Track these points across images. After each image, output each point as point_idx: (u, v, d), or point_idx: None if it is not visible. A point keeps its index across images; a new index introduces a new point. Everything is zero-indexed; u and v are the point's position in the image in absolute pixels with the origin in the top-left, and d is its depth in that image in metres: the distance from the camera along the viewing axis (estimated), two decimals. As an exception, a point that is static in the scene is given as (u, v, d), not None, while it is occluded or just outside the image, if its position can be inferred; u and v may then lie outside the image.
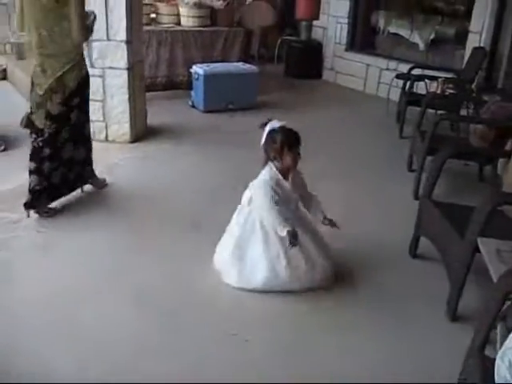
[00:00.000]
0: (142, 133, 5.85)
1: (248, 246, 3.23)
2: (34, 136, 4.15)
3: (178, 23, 7.79)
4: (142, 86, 5.94)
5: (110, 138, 5.65)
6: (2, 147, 6.35)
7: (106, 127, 5.64)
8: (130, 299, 3.15)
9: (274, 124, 3.16)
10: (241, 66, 7.30)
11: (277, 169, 3.18)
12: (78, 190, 4.50)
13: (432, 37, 8.17)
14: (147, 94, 6.22)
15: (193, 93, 7.12)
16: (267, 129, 3.18)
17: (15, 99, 8.52)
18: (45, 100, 4.01)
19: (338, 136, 6.30)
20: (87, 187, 4.58)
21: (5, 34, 10.53)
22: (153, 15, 7.79)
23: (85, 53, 4.30)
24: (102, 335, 2.85)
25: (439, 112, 5.85)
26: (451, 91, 5.98)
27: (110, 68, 5.46)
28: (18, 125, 4.28)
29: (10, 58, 10.28)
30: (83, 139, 4.38)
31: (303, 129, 5.27)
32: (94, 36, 5.28)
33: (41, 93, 4.00)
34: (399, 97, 6.86)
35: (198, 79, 6.94)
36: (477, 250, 2.82)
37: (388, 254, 3.78)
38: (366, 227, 4.15)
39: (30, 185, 4.12)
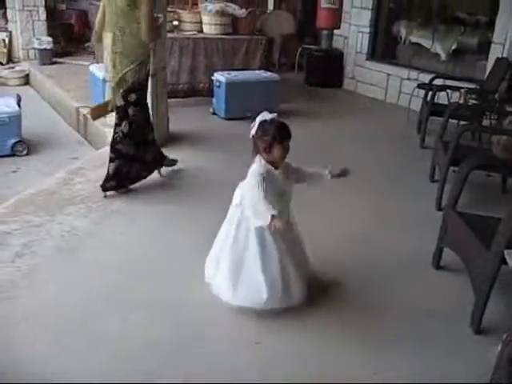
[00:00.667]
0: (164, 139, 5.88)
1: (243, 261, 3.08)
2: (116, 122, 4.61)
3: (201, 31, 7.84)
4: (164, 92, 5.97)
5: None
6: (25, 151, 6.45)
7: (129, 133, 5.66)
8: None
9: (265, 115, 3.06)
10: (262, 74, 7.33)
11: (266, 161, 3.07)
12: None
13: (454, 47, 8.15)
14: (169, 100, 6.25)
15: (214, 100, 7.16)
16: (258, 120, 3.08)
17: (37, 104, 8.65)
18: (115, 92, 4.49)
19: (358, 145, 6.28)
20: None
21: (29, 40, 10.69)
22: (175, 23, 7.85)
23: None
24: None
25: (461, 122, 5.82)
26: (474, 101, 5.96)
27: (134, 74, 5.49)
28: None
29: (33, 63, 10.42)
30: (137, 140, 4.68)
31: (323, 137, 5.39)
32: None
33: (113, 85, 4.49)
34: (420, 107, 6.84)
35: (219, 86, 6.97)
36: (503, 261, 2.80)
37: (411, 264, 3.76)
38: (388, 238, 4.14)
39: (109, 170, 4.56)
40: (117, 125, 4.56)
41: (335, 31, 9.39)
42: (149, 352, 2.78)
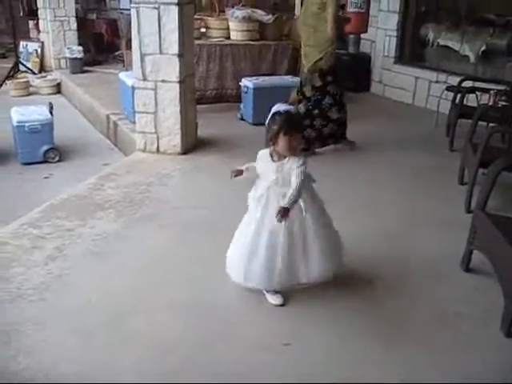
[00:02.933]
0: (192, 144, 5.94)
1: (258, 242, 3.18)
2: (305, 102, 5.85)
3: (228, 37, 7.90)
4: (192, 98, 6.04)
5: (161, 150, 5.76)
6: (57, 158, 6.58)
7: (158, 139, 5.75)
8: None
9: (280, 106, 3.07)
10: (289, 79, 7.34)
11: (271, 151, 3.13)
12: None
13: (483, 49, 8.06)
14: (197, 106, 6.31)
15: (242, 106, 7.21)
16: (272, 110, 3.10)
17: (69, 112, 8.81)
18: (309, 77, 5.78)
19: (386, 148, 6.26)
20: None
21: (60, 50, 10.88)
22: (203, 29, 7.93)
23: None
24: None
25: (491, 124, 5.76)
26: (504, 103, 5.88)
27: (163, 81, 5.58)
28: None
29: (64, 72, 10.61)
30: (341, 105, 5.97)
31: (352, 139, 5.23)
32: (147, 50, 5.48)
33: (306, 72, 5.81)
34: (449, 109, 6.78)
35: (247, 92, 7.02)
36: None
37: (440, 266, 3.74)
38: (417, 238, 4.13)
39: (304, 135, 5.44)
40: (320, 100, 5.82)
41: (362, 35, 9.34)
42: (176, 352, 2.82)
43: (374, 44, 9.40)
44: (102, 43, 12.16)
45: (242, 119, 7.15)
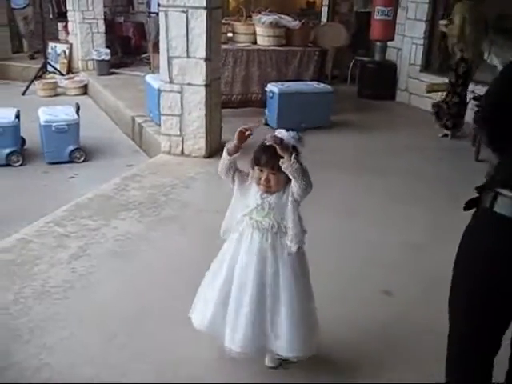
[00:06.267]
0: (216, 148, 5.96)
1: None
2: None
3: (254, 42, 7.91)
4: (218, 102, 6.07)
5: (185, 152, 5.79)
6: (82, 158, 6.64)
7: (183, 141, 5.79)
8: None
9: (281, 133, 2.44)
10: (315, 85, 7.35)
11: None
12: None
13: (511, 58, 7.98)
14: (222, 110, 6.33)
15: (267, 111, 7.21)
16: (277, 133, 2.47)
17: (95, 113, 8.90)
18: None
19: (410, 158, 6.21)
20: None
21: (88, 52, 11.01)
22: (230, 34, 7.95)
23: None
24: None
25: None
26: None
27: (189, 84, 5.61)
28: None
29: (92, 74, 10.73)
30: None
31: (376, 149, 5.33)
32: (174, 53, 5.52)
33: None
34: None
35: (272, 97, 7.03)
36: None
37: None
38: (442, 250, 4.06)
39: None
40: None
41: (389, 43, 9.32)
42: (199, 355, 2.83)
43: (400, 52, 9.36)
44: (129, 46, 12.27)
45: (267, 124, 7.15)
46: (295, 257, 2.53)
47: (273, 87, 7.05)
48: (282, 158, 2.35)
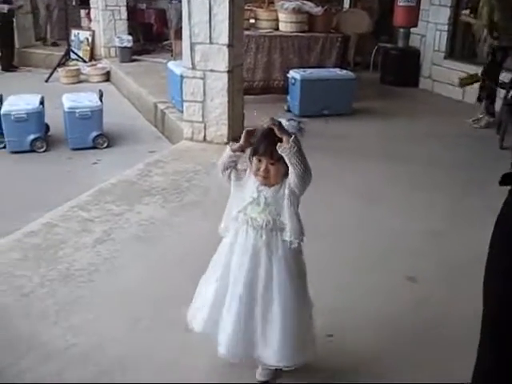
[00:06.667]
0: (238, 135, 5.91)
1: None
2: None
3: (277, 28, 7.88)
4: (240, 88, 6.06)
5: (207, 139, 5.81)
6: (105, 144, 6.69)
7: (205, 128, 5.80)
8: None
9: (283, 121, 2.29)
10: (337, 72, 7.31)
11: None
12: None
13: (538, 45, 7.85)
14: (244, 97, 6.32)
15: (288, 97, 7.19)
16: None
17: (117, 100, 8.95)
18: None
19: (433, 144, 6.16)
20: None
21: (110, 39, 11.05)
22: (252, 20, 7.92)
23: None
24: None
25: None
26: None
27: (211, 71, 5.62)
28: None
29: (114, 61, 10.78)
30: None
31: (398, 136, 5.26)
32: (197, 39, 5.53)
33: None
34: (500, 106, 6.64)
35: (294, 84, 7.00)
36: None
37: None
38: (464, 236, 4.05)
39: None
40: None
41: (412, 29, 9.22)
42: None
43: (424, 38, 9.24)
44: (151, 33, 12.30)
45: (289, 111, 7.13)
46: (291, 256, 2.37)
47: (295, 74, 7.02)
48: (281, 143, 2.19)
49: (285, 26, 7.83)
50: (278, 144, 2.18)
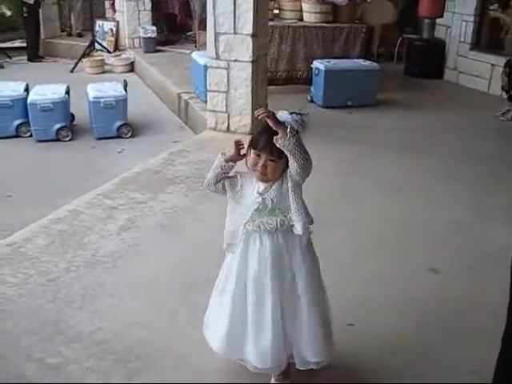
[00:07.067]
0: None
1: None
2: None
3: (301, 19, 7.87)
4: (264, 79, 6.07)
5: (231, 129, 5.82)
6: (130, 134, 6.75)
7: (228, 118, 5.82)
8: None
9: (283, 116, 2.16)
10: (361, 63, 7.27)
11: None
12: None
13: None
14: (268, 87, 6.32)
15: (312, 88, 7.18)
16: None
17: (141, 90, 9.01)
18: None
19: (457, 137, 6.10)
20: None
21: (134, 29, 11.11)
22: (276, 11, 7.93)
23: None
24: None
25: None
26: None
27: (235, 61, 5.63)
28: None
29: (138, 51, 10.84)
30: None
31: (422, 128, 5.19)
32: (221, 29, 5.54)
33: None
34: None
35: (318, 74, 6.98)
36: None
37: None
38: (488, 229, 4.02)
39: None
40: None
41: (438, 20, 9.12)
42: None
43: (449, 29, 9.15)
44: (175, 23, 12.32)
45: (312, 101, 7.12)
46: (307, 249, 2.28)
47: (319, 64, 7.01)
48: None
49: (309, 17, 7.82)
50: (275, 137, 2.07)
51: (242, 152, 2.28)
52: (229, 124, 5.84)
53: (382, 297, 3.13)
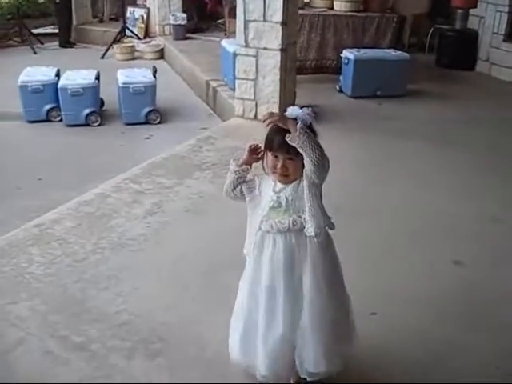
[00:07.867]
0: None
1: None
2: None
3: (331, 7, 7.80)
4: (293, 67, 6.04)
5: (259, 117, 5.81)
6: (158, 120, 6.79)
7: (256, 106, 5.82)
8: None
9: (293, 111, 2.09)
10: (392, 53, 7.18)
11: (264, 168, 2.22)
12: None
13: None
14: (297, 76, 6.29)
15: (341, 77, 7.12)
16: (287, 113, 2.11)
17: (170, 76, 9.05)
18: None
19: (488, 130, 6.00)
20: None
21: (164, 17, 11.14)
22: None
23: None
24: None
25: None
26: None
27: (265, 49, 5.61)
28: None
29: (168, 38, 10.86)
30: None
31: (453, 119, 5.09)
32: (251, 17, 5.52)
33: None
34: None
35: (347, 64, 6.93)
36: None
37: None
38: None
39: None
40: None
41: (471, 11, 8.97)
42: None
43: (482, 20, 8.98)
44: (205, 11, 12.30)
45: (341, 91, 7.07)
46: (321, 253, 2.17)
47: (348, 53, 6.94)
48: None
49: (339, 5, 7.74)
50: (286, 135, 2.01)
51: (260, 155, 2.23)
52: (256, 112, 5.83)
53: (403, 287, 3.12)
